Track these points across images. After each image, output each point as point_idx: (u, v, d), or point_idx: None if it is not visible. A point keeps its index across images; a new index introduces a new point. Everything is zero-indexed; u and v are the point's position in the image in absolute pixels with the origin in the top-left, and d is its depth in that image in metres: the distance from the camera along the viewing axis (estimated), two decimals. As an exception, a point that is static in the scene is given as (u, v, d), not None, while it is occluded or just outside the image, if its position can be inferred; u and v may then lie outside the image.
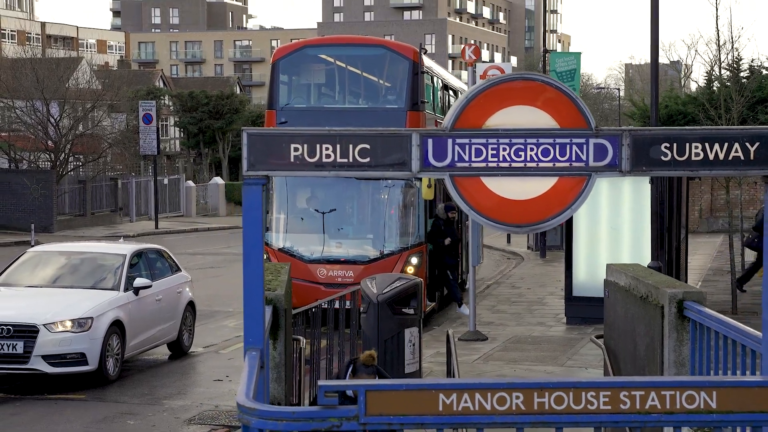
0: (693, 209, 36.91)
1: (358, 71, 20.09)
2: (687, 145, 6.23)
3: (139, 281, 14.77)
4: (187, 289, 16.51)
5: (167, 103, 75.50)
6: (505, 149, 6.28)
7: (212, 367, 15.24)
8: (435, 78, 21.29)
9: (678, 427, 5.03)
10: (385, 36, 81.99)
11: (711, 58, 30.61)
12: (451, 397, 5.00)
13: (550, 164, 6.27)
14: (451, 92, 23.63)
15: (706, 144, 6.22)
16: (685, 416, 4.99)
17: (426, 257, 19.15)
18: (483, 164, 6.29)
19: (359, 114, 18.79)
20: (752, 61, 36.78)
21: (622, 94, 79.97)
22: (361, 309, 12.60)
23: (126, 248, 15.65)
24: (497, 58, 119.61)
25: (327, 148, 6.23)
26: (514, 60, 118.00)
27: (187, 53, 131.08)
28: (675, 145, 6.24)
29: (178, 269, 16.59)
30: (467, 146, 6.28)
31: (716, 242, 33.97)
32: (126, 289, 14.54)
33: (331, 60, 20.19)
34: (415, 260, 18.67)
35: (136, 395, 13.29)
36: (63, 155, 42.99)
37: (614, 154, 6.26)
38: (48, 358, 13.21)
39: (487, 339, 16.85)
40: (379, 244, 18.83)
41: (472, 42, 35.92)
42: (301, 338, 10.27)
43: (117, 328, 13.99)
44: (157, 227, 44.29)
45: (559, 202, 6.35)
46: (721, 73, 21.57)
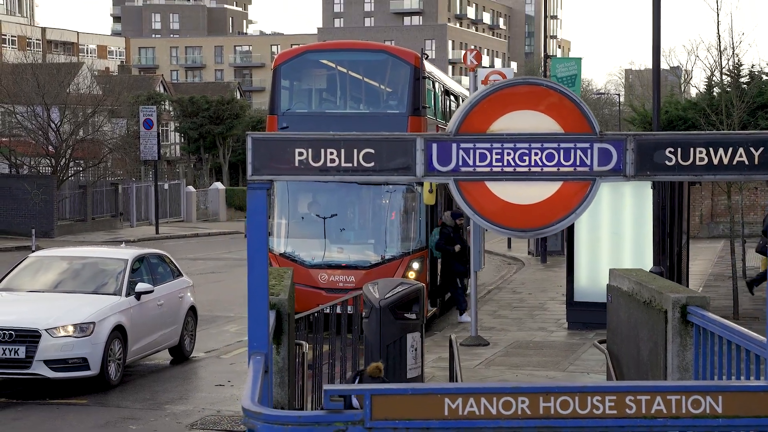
0: (693, 215, 36.89)
1: (360, 76, 20.08)
2: (691, 149, 6.24)
3: (140, 286, 14.76)
4: (189, 294, 16.50)
5: (168, 108, 75.50)
6: (509, 154, 6.28)
7: (214, 372, 15.23)
8: (436, 83, 21.29)
9: (684, 432, 5.03)
10: (385, 41, 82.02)
11: (712, 63, 30.61)
12: (457, 402, 5.01)
13: (555, 169, 6.28)
14: (452, 97, 23.63)
15: (711, 149, 6.23)
16: (691, 421, 5.00)
17: (427, 262, 19.14)
18: (487, 169, 6.30)
19: (361, 119, 18.78)
20: (752, 67, 36.79)
21: (622, 99, 79.97)
22: (363, 314, 12.59)
23: (128, 253, 15.65)
24: (497, 64, 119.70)
25: (331, 153, 6.23)
26: (514, 65, 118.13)
27: (187, 59, 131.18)
28: (679, 149, 6.24)
29: (180, 274, 16.58)
30: (472, 151, 6.29)
31: (717, 248, 33.97)
32: (128, 294, 14.54)
33: (333, 65, 20.18)
34: (416, 265, 18.66)
35: (138, 400, 13.28)
36: (64, 160, 43.00)
37: (618, 159, 6.27)
38: (50, 363, 13.19)
39: (488, 344, 16.84)
40: (380, 249, 18.82)
41: (473, 47, 35.89)
42: (303, 343, 10.27)
43: (119, 333, 13.98)
44: (157, 232, 44.30)
45: (563, 207, 6.36)
46: (722, 78, 21.58)
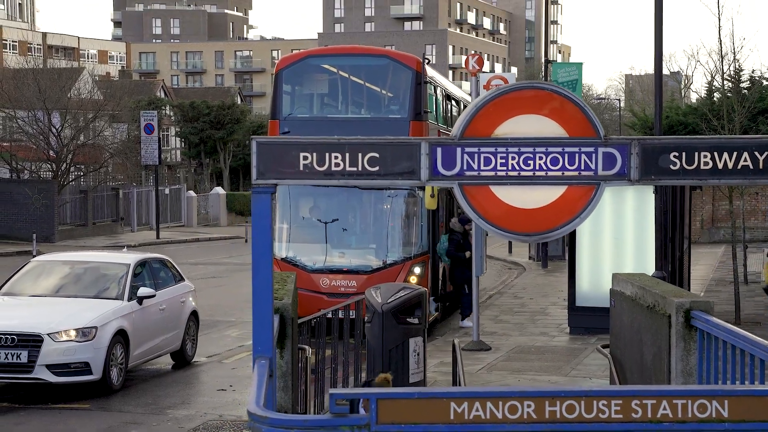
0: (694, 219, 36.90)
1: (361, 81, 20.08)
2: (696, 154, 6.24)
3: (142, 291, 14.75)
4: (191, 298, 16.49)
5: (168, 113, 75.56)
6: (514, 158, 6.29)
7: (216, 377, 15.22)
8: (438, 88, 21.29)
9: (690, 436, 5.02)
10: (385, 46, 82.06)
11: (713, 68, 30.64)
12: (463, 406, 5.00)
13: (559, 173, 6.28)
14: (453, 102, 23.63)
15: (715, 153, 6.23)
16: (697, 425, 4.99)
17: (429, 267, 19.13)
18: (492, 173, 6.30)
19: (362, 124, 18.77)
20: (752, 72, 36.83)
21: (622, 104, 79.98)
22: (366, 318, 12.59)
23: (130, 258, 15.64)
24: (497, 69, 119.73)
25: (336, 157, 6.24)
26: (514, 70, 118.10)
27: (188, 63, 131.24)
28: (684, 154, 6.24)
29: (182, 279, 16.58)
30: (476, 155, 6.29)
31: (718, 252, 33.97)
32: (130, 299, 14.53)
33: (335, 70, 20.19)
34: (418, 270, 18.65)
35: (140, 405, 13.27)
36: (64, 165, 43.01)
37: (623, 163, 6.27)
38: (52, 368, 13.18)
39: (490, 349, 16.83)
40: (381, 253, 18.81)
41: (473, 52, 35.86)
42: (306, 347, 10.27)
43: (121, 337, 13.97)
44: (158, 237, 44.30)
45: (568, 211, 6.36)
46: (723, 83, 21.60)
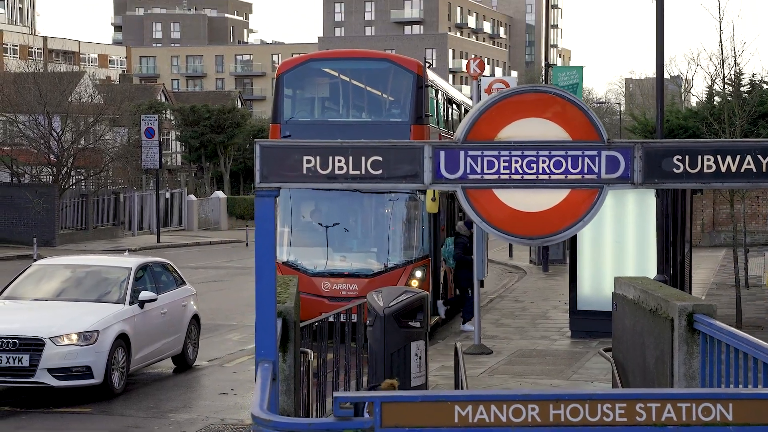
0: (695, 223, 36.88)
1: (363, 85, 20.09)
2: (699, 157, 6.25)
3: (144, 294, 14.75)
4: (192, 302, 16.49)
5: (169, 117, 75.57)
6: (517, 161, 6.29)
7: (217, 381, 15.21)
8: (439, 92, 21.31)
9: (694, 440, 5.02)
10: (386, 50, 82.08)
11: (713, 72, 30.65)
12: (467, 409, 5.00)
13: (562, 176, 6.29)
14: (454, 106, 23.64)
15: (719, 156, 6.24)
16: (701, 428, 4.98)
17: (430, 271, 19.13)
18: (495, 176, 6.31)
19: (363, 127, 18.77)
20: (753, 76, 36.83)
21: (622, 108, 79.99)
22: (368, 322, 12.58)
23: (131, 261, 15.64)
24: (498, 73, 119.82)
25: (339, 161, 6.24)
26: (514, 74, 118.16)
27: (188, 67, 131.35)
28: (687, 157, 6.25)
29: (183, 282, 16.57)
30: (479, 158, 6.30)
31: (718, 256, 33.95)
32: (131, 303, 14.52)
33: (336, 74, 20.19)
34: (419, 273, 18.65)
35: (142, 408, 13.26)
36: (65, 169, 43.03)
37: (626, 167, 6.28)
38: (54, 372, 13.17)
39: (491, 353, 16.82)
40: (383, 257, 18.82)
41: (474, 56, 35.84)
42: (309, 351, 10.26)
43: (122, 341, 13.96)
44: (159, 241, 44.31)
45: (571, 215, 6.36)
46: (724, 87, 21.61)
